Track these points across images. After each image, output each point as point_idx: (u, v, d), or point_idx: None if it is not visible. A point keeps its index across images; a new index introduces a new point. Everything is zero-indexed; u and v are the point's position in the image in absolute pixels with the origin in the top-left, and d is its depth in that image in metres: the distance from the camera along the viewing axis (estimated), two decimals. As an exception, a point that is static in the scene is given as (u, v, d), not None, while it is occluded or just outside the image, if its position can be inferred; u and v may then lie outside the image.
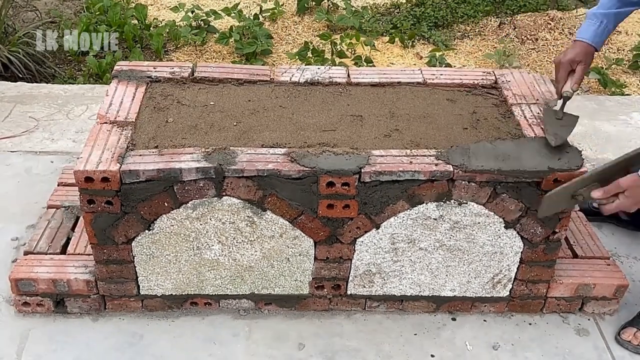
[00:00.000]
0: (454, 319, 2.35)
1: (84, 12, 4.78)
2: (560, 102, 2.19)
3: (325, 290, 2.28)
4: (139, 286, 2.22)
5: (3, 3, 4.07)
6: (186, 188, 2.00)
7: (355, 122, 2.19)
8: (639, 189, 1.92)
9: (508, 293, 2.32)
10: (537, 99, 2.34)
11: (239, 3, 4.85)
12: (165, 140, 2.08)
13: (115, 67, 2.40)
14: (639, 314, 2.30)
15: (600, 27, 2.12)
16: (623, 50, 4.65)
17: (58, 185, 2.62)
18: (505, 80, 2.43)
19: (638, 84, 4.30)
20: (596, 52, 2.15)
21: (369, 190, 2.04)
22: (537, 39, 4.74)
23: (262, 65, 4.10)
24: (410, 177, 2.00)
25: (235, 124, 2.17)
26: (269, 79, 2.40)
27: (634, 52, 4.47)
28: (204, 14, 4.67)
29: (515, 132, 2.18)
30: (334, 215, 2.08)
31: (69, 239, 2.37)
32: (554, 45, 4.68)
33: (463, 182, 2.04)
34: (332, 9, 5.01)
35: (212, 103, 2.26)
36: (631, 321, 2.30)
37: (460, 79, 2.45)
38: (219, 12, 4.69)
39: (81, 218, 2.40)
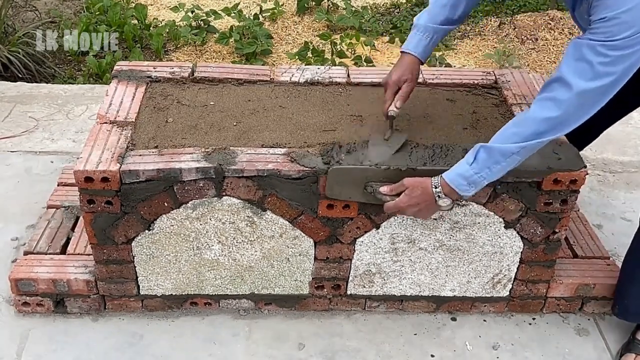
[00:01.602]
0: (454, 319, 2.34)
1: (84, 12, 4.78)
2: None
3: (325, 290, 2.28)
4: (139, 286, 2.22)
5: (3, 3, 4.07)
6: (186, 188, 2.00)
7: (355, 122, 2.19)
8: (418, 190, 1.88)
9: (508, 293, 2.32)
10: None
11: (239, 3, 4.85)
12: (165, 140, 2.08)
13: (115, 67, 2.40)
14: (633, 337, 2.24)
15: (430, 42, 2.07)
16: (623, 50, 4.64)
17: (58, 185, 2.62)
18: (505, 80, 2.43)
19: (638, 84, 4.30)
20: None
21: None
22: (537, 39, 4.74)
23: (262, 65, 4.10)
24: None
25: (235, 124, 2.16)
26: (269, 79, 2.40)
27: (634, 52, 4.47)
28: (204, 14, 4.67)
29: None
30: (334, 215, 2.08)
31: (69, 239, 2.37)
32: (553, 45, 4.68)
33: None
34: (332, 9, 5.01)
35: (212, 103, 2.26)
36: (628, 345, 2.23)
37: (460, 79, 2.45)
38: (219, 12, 4.69)
39: (81, 218, 2.40)
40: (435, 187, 1.86)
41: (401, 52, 2.11)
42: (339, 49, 4.42)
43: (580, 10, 1.84)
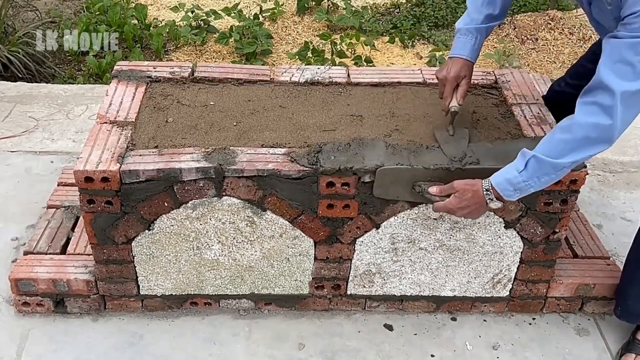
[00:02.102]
0: (454, 319, 2.34)
1: (84, 12, 4.78)
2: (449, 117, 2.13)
3: (325, 290, 2.27)
4: (139, 286, 2.22)
5: (3, 3, 4.07)
6: (186, 188, 2.00)
7: (355, 122, 2.19)
8: (469, 193, 1.88)
9: (508, 293, 2.32)
10: (537, 99, 2.34)
11: (239, 3, 4.85)
12: (165, 140, 2.08)
13: (115, 67, 2.40)
14: (633, 337, 2.24)
15: (475, 42, 2.08)
16: (623, 50, 4.64)
17: (58, 185, 2.62)
18: (505, 80, 2.43)
19: (638, 84, 4.30)
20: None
21: (369, 190, 2.04)
22: (537, 39, 4.74)
23: (262, 65, 4.10)
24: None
25: (235, 124, 2.16)
26: (269, 78, 2.40)
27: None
28: (204, 14, 4.67)
29: (515, 132, 2.18)
30: (334, 215, 2.08)
31: (68, 239, 2.37)
32: (553, 45, 4.68)
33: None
34: (332, 9, 5.01)
35: (212, 103, 2.26)
36: (628, 345, 2.23)
37: (460, 79, 2.44)
38: (219, 12, 4.69)
39: (81, 218, 2.40)
40: (487, 191, 1.86)
41: (449, 58, 2.11)
42: (339, 49, 4.42)
43: (600, 4, 1.77)
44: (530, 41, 4.73)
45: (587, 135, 1.73)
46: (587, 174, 2.07)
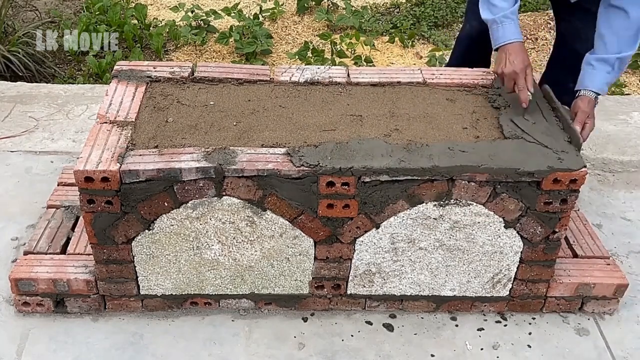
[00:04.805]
0: (453, 319, 2.35)
1: (84, 12, 4.78)
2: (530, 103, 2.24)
3: (325, 290, 2.28)
4: (139, 286, 2.22)
5: (3, 3, 4.07)
6: (186, 188, 2.00)
7: (355, 122, 2.19)
8: (593, 110, 2.22)
9: (508, 293, 2.32)
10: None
11: (239, 3, 4.85)
12: (165, 140, 2.08)
13: (115, 67, 2.40)
14: None
15: (517, 22, 2.24)
16: (623, 50, 4.64)
17: (58, 185, 2.62)
18: (505, 80, 2.43)
19: (638, 84, 4.30)
20: None
21: (368, 190, 2.04)
22: (537, 39, 4.73)
23: (262, 65, 4.09)
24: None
25: (235, 123, 2.16)
26: (268, 78, 2.40)
27: (634, 52, 4.47)
28: (204, 14, 4.67)
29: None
30: (334, 215, 2.08)
31: (68, 239, 2.37)
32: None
33: (463, 182, 2.04)
34: (332, 8, 5.00)
35: (212, 103, 2.26)
36: None
37: (460, 79, 2.45)
38: (219, 12, 4.69)
39: (81, 218, 2.40)
40: (596, 99, 2.23)
41: (503, 44, 2.22)
42: (339, 49, 4.42)
43: None
44: (530, 41, 4.73)
45: None
46: (587, 173, 2.07)
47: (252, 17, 4.70)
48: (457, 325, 2.32)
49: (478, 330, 2.31)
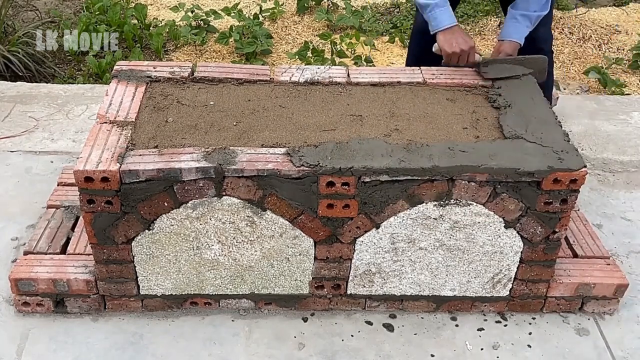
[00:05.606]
0: (454, 319, 2.35)
1: (84, 12, 4.78)
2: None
3: (325, 290, 2.28)
4: (139, 286, 2.22)
5: (3, 3, 4.07)
6: (186, 188, 2.00)
7: (355, 122, 2.19)
8: (517, 50, 2.59)
9: (508, 293, 2.32)
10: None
11: (239, 3, 4.85)
12: (165, 140, 2.08)
13: (115, 67, 2.40)
14: None
15: (449, 8, 2.51)
16: (623, 49, 4.64)
17: (58, 185, 2.62)
18: (505, 80, 2.43)
19: (638, 84, 4.30)
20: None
21: (368, 190, 2.04)
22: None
23: (262, 65, 4.09)
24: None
25: (235, 123, 2.17)
26: (268, 78, 2.40)
27: (634, 52, 4.47)
28: (204, 14, 4.67)
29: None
30: (334, 215, 2.08)
31: (68, 239, 2.37)
32: (553, 45, 4.67)
33: (463, 182, 2.04)
34: (332, 8, 5.00)
35: (212, 103, 2.26)
36: None
37: (460, 79, 2.45)
38: (219, 12, 4.69)
39: (81, 218, 2.40)
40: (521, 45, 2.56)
41: (446, 28, 2.46)
42: (339, 49, 4.42)
43: None
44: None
45: None
46: (587, 173, 2.07)
47: (252, 17, 4.70)
48: (457, 325, 2.32)
49: (478, 330, 2.31)
